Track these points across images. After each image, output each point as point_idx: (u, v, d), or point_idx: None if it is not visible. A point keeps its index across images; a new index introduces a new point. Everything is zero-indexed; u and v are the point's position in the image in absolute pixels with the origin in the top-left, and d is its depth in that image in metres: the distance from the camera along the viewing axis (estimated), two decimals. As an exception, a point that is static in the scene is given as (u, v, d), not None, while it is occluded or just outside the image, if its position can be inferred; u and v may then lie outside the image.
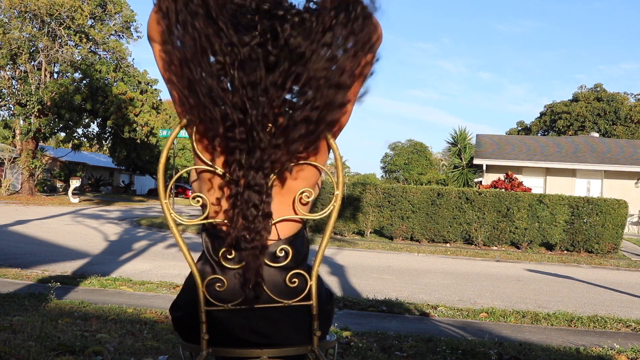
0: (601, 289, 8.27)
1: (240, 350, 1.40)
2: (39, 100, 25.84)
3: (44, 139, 29.02)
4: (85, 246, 9.93)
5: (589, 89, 50.82)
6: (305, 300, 1.41)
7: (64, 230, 12.84)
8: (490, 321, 5.49)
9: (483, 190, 14.62)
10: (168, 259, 9.03)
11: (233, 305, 1.38)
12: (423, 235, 14.01)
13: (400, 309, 5.71)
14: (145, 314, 4.63)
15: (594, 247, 13.20)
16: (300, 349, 1.42)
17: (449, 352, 3.84)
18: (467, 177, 27.26)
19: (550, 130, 51.57)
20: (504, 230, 13.61)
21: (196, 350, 1.43)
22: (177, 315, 1.49)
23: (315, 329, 1.41)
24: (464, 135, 28.54)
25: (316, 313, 1.41)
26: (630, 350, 4.26)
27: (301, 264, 1.44)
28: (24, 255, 8.49)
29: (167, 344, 3.62)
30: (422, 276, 8.66)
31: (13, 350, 3.21)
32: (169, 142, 1.47)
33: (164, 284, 6.49)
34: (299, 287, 1.40)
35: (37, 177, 28.42)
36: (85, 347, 3.39)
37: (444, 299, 6.69)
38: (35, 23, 26.37)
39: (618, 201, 13.42)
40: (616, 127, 47.57)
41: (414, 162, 59.58)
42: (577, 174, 24.04)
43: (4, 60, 25.44)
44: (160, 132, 24.21)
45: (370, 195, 14.48)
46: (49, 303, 4.81)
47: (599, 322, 5.54)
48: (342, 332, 4.28)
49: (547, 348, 4.23)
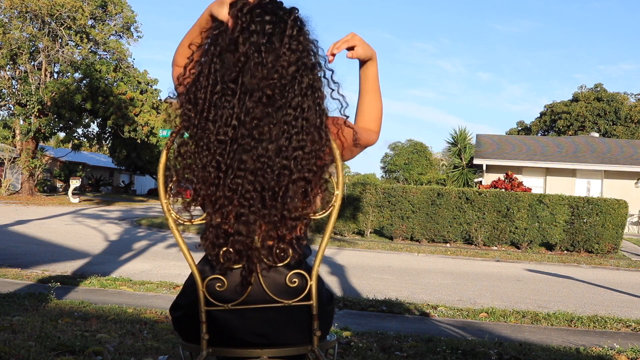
0: (601, 289, 8.27)
1: (240, 350, 1.40)
2: (39, 100, 25.84)
3: (44, 139, 29.02)
4: (85, 246, 9.93)
5: (589, 89, 50.81)
6: (305, 300, 1.41)
7: (64, 230, 12.84)
8: (490, 321, 5.49)
9: (483, 190, 14.62)
10: (168, 259, 9.03)
11: (233, 306, 1.39)
12: (423, 235, 14.01)
13: (400, 309, 5.71)
14: (145, 314, 4.63)
15: (594, 247, 13.20)
16: (300, 349, 1.42)
17: (449, 352, 3.84)
18: (467, 177, 27.26)
19: (550, 130, 51.56)
20: (504, 230, 13.61)
21: (196, 350, 1.43)
22: (177, 315, 1.49)
23: (315, 329, 1.41)
24: (464, 135, 28.53)
25: (316, 313, 1.41)
26: (630, 350, 4.26)
27: (302, 264, 1.44)
28: (24, 255, 8.49)
29: (167, 344, 3.62)
30: (422, 276, 8.66)
31: (13, 350, 3.21)
32: (169, 142, 1.47)
33: (164, 284, 6.49)
34: (299, 287, 1.40)
35: (37, 177, 28.42)
36: (85, 347, 3.39)
37: (444, 299, 6.69)
38: (36, 23, 26.37)
39: (618, 201, 13.41)
40: (616, 127, 47.56)
41: (414, 162, 59.54)
42: (577, 174, 24.04)
43: (4, 60, 25.44)
44: (160, 132, 24.22)
45: (370, 195, 14.48)
46: (49, 303, 4.81)
47: (599, 322, 5.54)
48: (342, 332, 4.28)
49: (547, 348, 4.23)
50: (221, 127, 1.31)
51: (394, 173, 61.90)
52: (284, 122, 1.32)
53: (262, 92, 1.30)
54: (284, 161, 1.31)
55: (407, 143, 62.03)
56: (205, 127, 1.32)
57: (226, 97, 1.31)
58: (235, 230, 1.33)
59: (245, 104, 1.30)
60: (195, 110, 1.34)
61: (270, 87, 1.30)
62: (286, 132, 1.32)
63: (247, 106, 1.30)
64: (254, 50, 1.30)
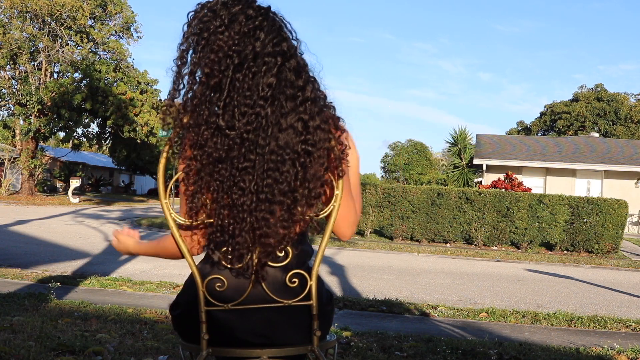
0: (601, 289, 8.27)
1: (240, 350, 1.40)
2: (39, 100, 25.83)
3: (43, 139, 29.02)
4: (86, 246, 9.93)
5: (589, 89, 50.83)
6: (305, 301, 1.41)
7: (64, 230, 12.84)
8: (490, 321, 5.49)
9: (483, 190, 14.62)
10: (168, 259, 9.03)
11: (233, 305, 1.38)
12: (423, 235, 14.01)
13: (400, 309, 5.71)
14: (145, 314, 4.63)
15: (594, 247, 13.20)
16: (300, 349, 1.42)
17: (449, 352, 3.84)
18: (467, 177, 27.26)
19: (550, 130, 51.57)
20: (504, 230, 13.61)
21: (196, 350, 1.43)
22: (176, 314, 1.49)
23: (315, 329, 1.41)
24: (464, 135, 28.54)
25: (316, 313, 1.41)
26: (630, 350, 4.26)
27: (302, 264, 1.44)
28: (24, 255, 8.49)
29: (167, 344, 3.62)
30: (422, 276, 8.66)
31: (13, 350, 3.21)
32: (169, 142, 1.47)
33: (164, 284, 6.49)
34: (299, 287, 1.40)
35: (37, 177, 28.41)
36: (85, 347, 3.39)
37: (444, 299, 6.68)
38: (36, 23, 26.37)
39: (618, 201, 13.41)
40: (616, 127, 47.58)
41: (414, 162, 59.57)
42: (577, 174, 24.04)
43: (4, 60, 25.44)
44: (160, 132, 24.20)
45: (370, 195, 14.48)
46: (49, 303, 4.81)
47: (599, 322, 5.53)
48: (342, 332, 4.28)
49: (547, 348, 4.23)
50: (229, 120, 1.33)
51: (394, 173, 61.93)
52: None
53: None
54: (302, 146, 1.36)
55: (407, 143, 62.07)
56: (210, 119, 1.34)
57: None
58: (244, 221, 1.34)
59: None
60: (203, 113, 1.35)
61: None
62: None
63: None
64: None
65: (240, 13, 1.34)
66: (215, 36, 1.33)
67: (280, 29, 1.37)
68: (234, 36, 1.32)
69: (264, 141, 1.32)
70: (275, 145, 1.32)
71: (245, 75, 1.32)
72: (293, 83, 1.35)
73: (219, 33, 1.33)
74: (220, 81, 1.32)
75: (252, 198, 1.32)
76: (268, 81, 1.32)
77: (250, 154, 1.32)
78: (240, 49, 1.32)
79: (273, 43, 1.34)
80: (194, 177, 1.35)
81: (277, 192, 1.33)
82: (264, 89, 1.32)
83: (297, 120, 1.33)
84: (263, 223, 1.33)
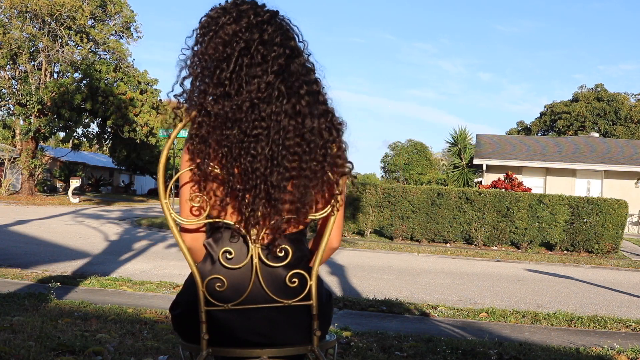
0: (601, 289, 8.27)
1: (241, 350, 1.40)
2: (39, 100, 25.83)
3: (43, 139, 29.01)
4: (86, 246, 9.93)
5: (589, 89, 50.82)
6: (305, 300, 1.41)
7: (64, 230, 12.84)
8: (490, 321, 5.49)
9: (483, 190, 14.62)
10: (168, 259, 9.03)
11: (233, 305, 1.38)
12: (423, 235, 14.01)
13: (400, 309, 5.71)
14: (145, 314, 4.63)
15: (594, 247, 13.20)
16: (300, 349, 1.42)
17: (449, 352, 3.84)
18: (467, 177, 27.26)
19: (550, 130, 51.56)
20: (504, 230, 13.61)
21: (196, 350, 1.43)
22: (176, 313, 1.49)
23: (315, 329, 1.41)
24: (464, 135, 28.53)
25: (316, 313, 1.41)
26: (630, 350, 4.26)
27: (302, 264, 1.44)
28: (24, 255, 8.48)
29: (167, 344, 3.62)
30: (422, 276, 8.66)
31: (13, 350, 3.21)
32: (169, 142, 1.47)
33: (164, 284, 6.49)
34: (298, 286, 1.40)
35: (37, 177, 28.40)
36: (85, 347, 3.39)
37: (444, 299, 6.68)
38: (36, 23, 26.36)
39: (618, 201, 13.41)
40: (616, 127, 47.57)
41: (414, 162, 59.55)
42: (577, 174, 24.03)
43: (4, 60, 25.43)
44: (160, 132, 24.20)
45: (370, 195, 14.48)
46: (49, 303, 4.81)
47: (599, 322, 5.53)
48: (342, 332, 4.28)
49: (547, 348, 4.23)
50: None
51: (394, 173, 61.92)
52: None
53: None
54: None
55: (407, 143, 62.05)
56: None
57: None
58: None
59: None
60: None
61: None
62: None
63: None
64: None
65: (250, 10, 1.37)
66: (223, 29, 1.36)
67: (287, 30, 1.40)
68: (242, 26, 1.35)
69: (279, 108, 1.32)
70: (293, 113, 1.34)
71: (253, 57, 1.33)
72: (303, 76, 1.38)
73: (227, 25, 1.36)
74: (227, 58, 1.34)
75: (267, 164, 1.32)
76: (278, 62, 1.34)
77: (262, 121, 1.32)
78: (247, 37, 1.34)
79: (281, 37, 1.36)
80: (201, 145, 1.35)
81: (299, 159, 1.34)
82: (274, 65, 1.33)
83: (309, 103, 1.36)
84: (279, 189, 1.33)
